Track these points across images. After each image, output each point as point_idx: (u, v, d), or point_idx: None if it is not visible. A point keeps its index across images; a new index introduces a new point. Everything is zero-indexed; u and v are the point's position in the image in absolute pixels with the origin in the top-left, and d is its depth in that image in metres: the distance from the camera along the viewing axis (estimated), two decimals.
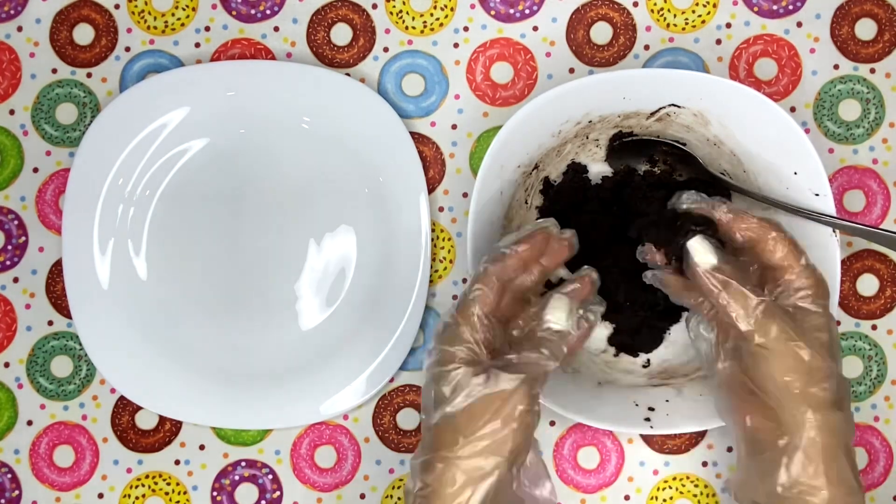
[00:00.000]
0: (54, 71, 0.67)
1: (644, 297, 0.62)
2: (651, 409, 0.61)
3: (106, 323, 0.65)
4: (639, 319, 0.64)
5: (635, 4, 0.66)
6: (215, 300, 0.66)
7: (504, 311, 0.55)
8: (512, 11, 0.66)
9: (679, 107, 0.60)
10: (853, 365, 0.66)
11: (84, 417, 0.67)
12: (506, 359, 0.52)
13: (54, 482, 0.67)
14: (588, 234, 0.63)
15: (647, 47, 0.66)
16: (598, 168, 0.65)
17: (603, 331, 0.65)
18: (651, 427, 0.60)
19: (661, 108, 0.61)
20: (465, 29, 0.66)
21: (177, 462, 0.67)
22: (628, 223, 0.63)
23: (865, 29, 0.65)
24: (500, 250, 0.55)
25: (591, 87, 0.59)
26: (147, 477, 0.67)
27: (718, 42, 0.66)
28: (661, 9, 0.66)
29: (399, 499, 0.66)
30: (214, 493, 0.67)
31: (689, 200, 0.57)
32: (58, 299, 0.67)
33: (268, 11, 0.67)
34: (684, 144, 0.63)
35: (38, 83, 0.67)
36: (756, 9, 0.66)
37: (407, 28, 0.66)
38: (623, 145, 0.64)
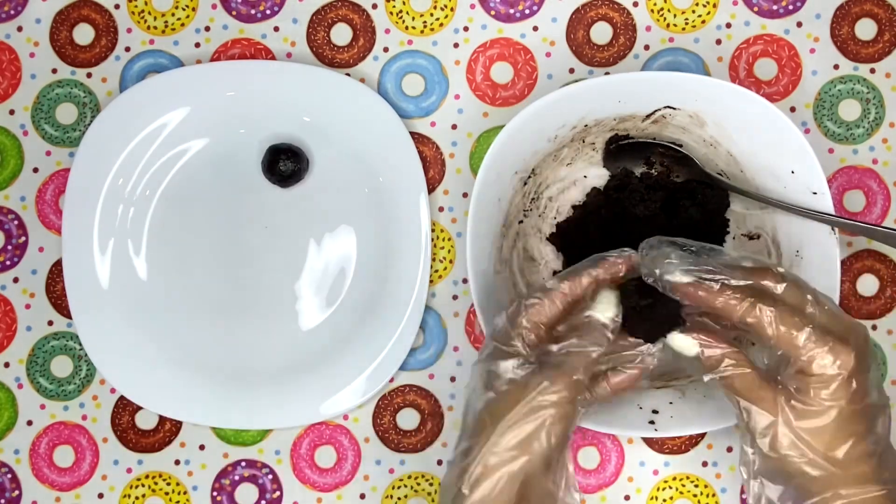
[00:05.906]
0: (54, 71, 0.67)
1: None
2: (655, 411, 0.61)
3: (106, 323, 0.65)
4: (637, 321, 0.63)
5: (635, 4, 0.66)
6: (215, 300, 0.66)
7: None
8: (512, 11, 0.66)
9: (674, 108, 0.60)
10: None
11: (84, 417, 0.67)
12: (545, 349, 0.53)
13: (54, 482, 0.67)
14: (585, 237, 0.63)
15: (647, 47, 0.66)
16: (595, 172, 0.65)
17: None
18: (655, 430, 0.60)
19: (656, 111, 0.61)
20: (465, 29, 0.66)
21: (177, 462, 0.67)
22: (626, 226, 0.63)
23: (865, 29, 0.65)
24: (574, 272, 0.55)
25: (585, 92, 0.59)
26: (147, 477, 0.67)
27: (718, 42, 0.66)
28: (661, 9, 0.66)
29: (399, 499, 0.66)
30: (214, 493, 0.67)
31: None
32: (58, 299, 0.67)
33: (268, 11, 0.67)
34: (681, 146, 0.63)
35: (38, 83, 0.67)
36: (756, 9, 0.65)
37: (407, 28, 0.66)
38: (619, 148, 0.64)
